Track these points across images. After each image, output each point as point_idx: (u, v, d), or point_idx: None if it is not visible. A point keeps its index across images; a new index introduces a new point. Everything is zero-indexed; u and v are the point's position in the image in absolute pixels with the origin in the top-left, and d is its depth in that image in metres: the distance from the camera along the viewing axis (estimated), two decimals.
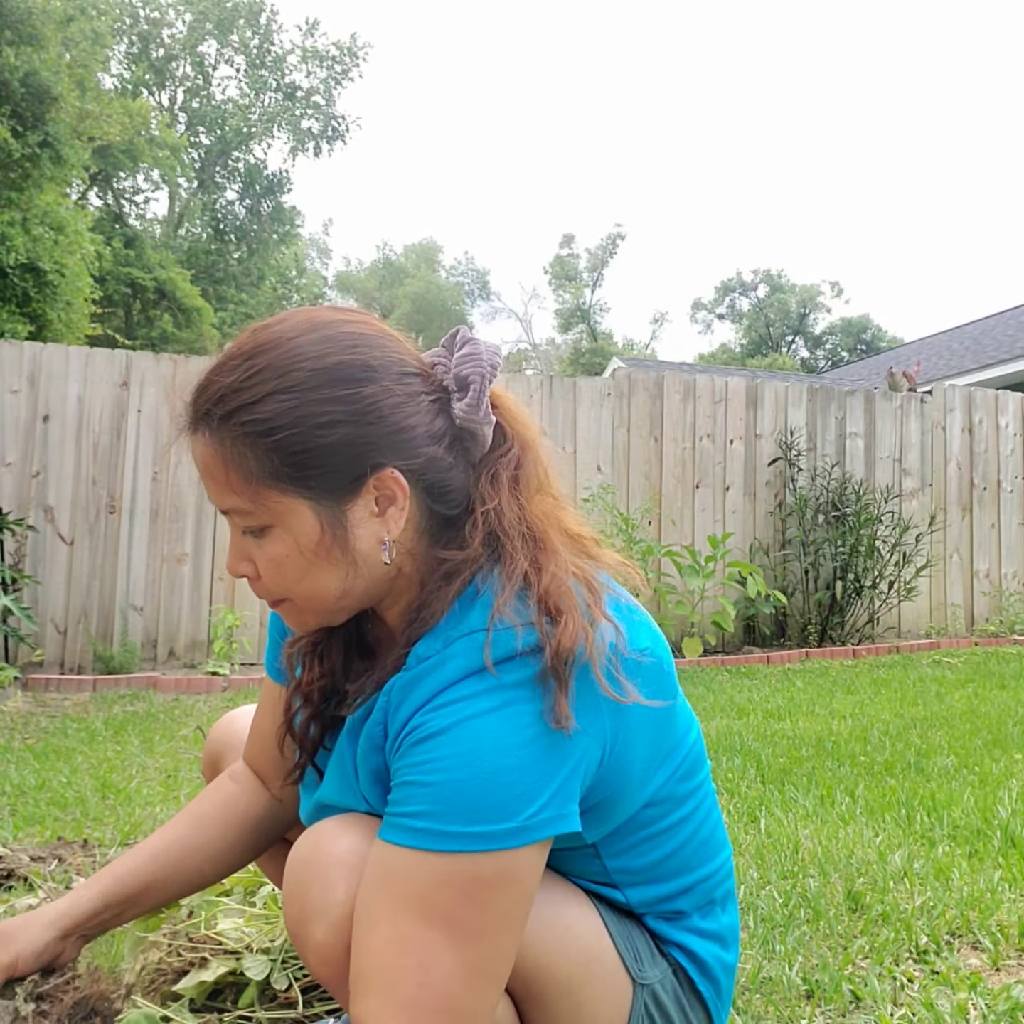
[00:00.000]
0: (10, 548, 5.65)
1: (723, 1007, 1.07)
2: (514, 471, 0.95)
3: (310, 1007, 1.41)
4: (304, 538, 0.89)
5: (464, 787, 0.79)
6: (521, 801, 0.80)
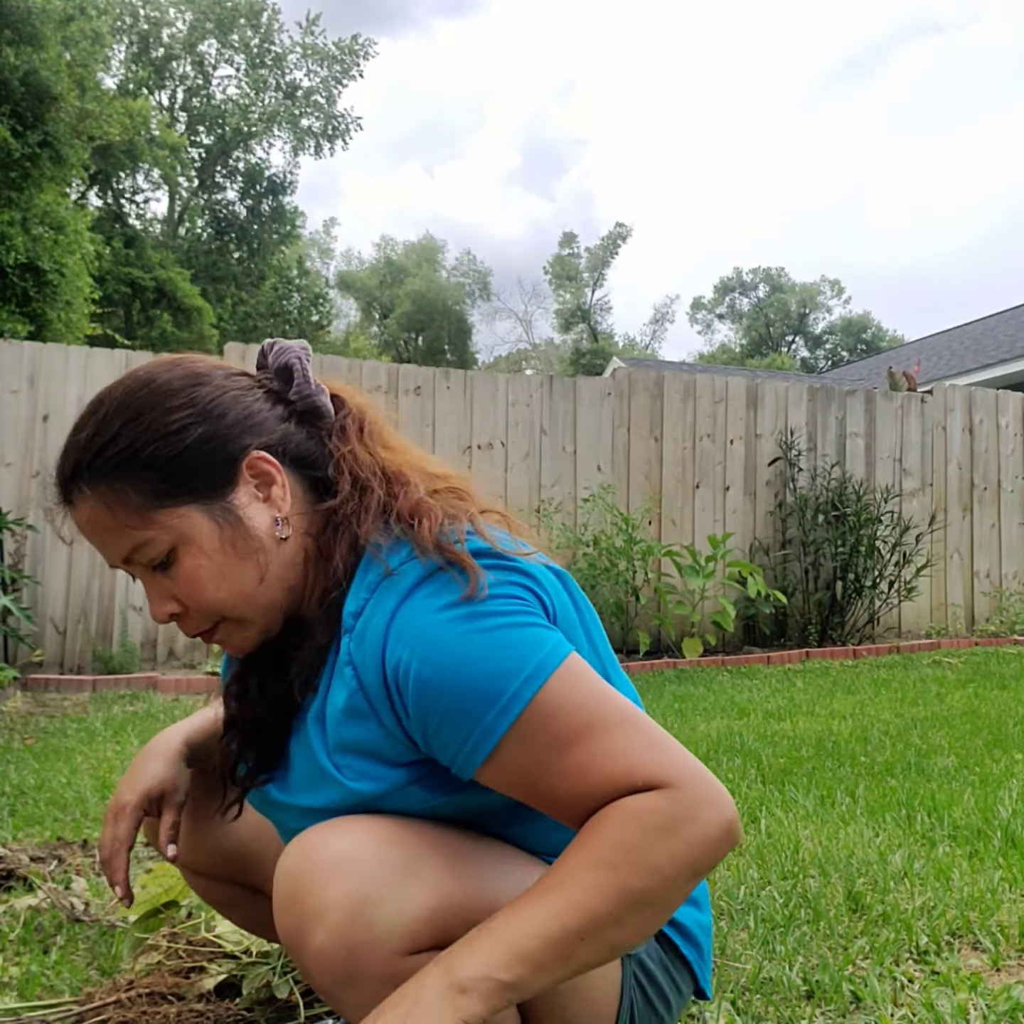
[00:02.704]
0: (10, 548, 5.65)
1: (706, 968, 1.10)
2: (359, 424, 1.04)
3: (310, 1008, 1.41)
4: (207, 542, 0.93)
5: (476, 681, 0.84)
6: (526, 654, 0.86)
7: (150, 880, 1.59)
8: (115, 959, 1.61)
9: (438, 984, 0.77)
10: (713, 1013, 1.41)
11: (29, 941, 1.71)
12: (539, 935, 0.78)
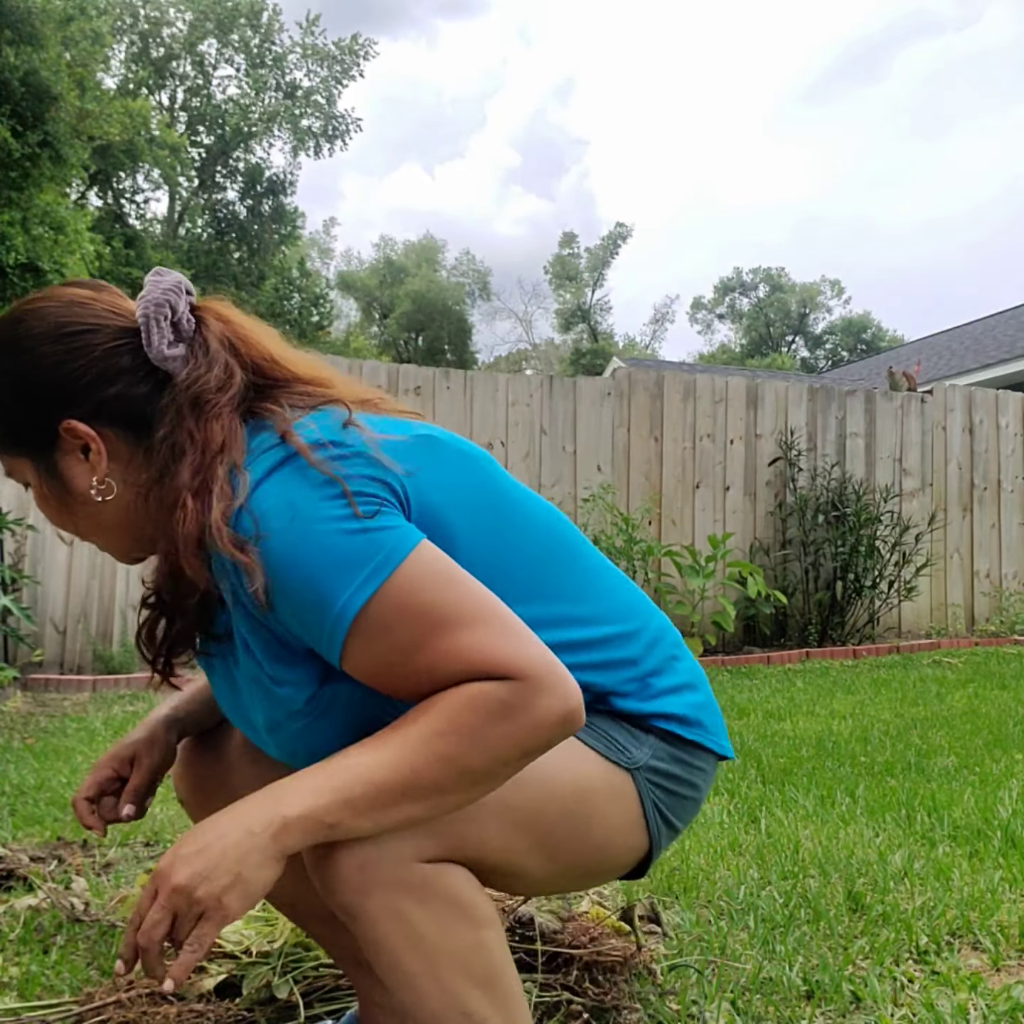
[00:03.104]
0: (10, 548, 5.65)
1: (718, 736, 1.13)
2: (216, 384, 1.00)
3: (311, 1008, 1.41)
4: (39, 488, 1.04)
5: (315, 572, 0.87)
6: (364, 558, 0.88)
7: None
8: (115, 959, 1.61)
9: (263, 817, 0.83)
10: (713, 1013, 1.41)
11: (29, 941, 1.71)
12: (365, 782, 0.84)
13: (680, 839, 2.30)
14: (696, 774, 1.11)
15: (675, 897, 1.92)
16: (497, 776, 0.88)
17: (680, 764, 1.09)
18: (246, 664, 0.98)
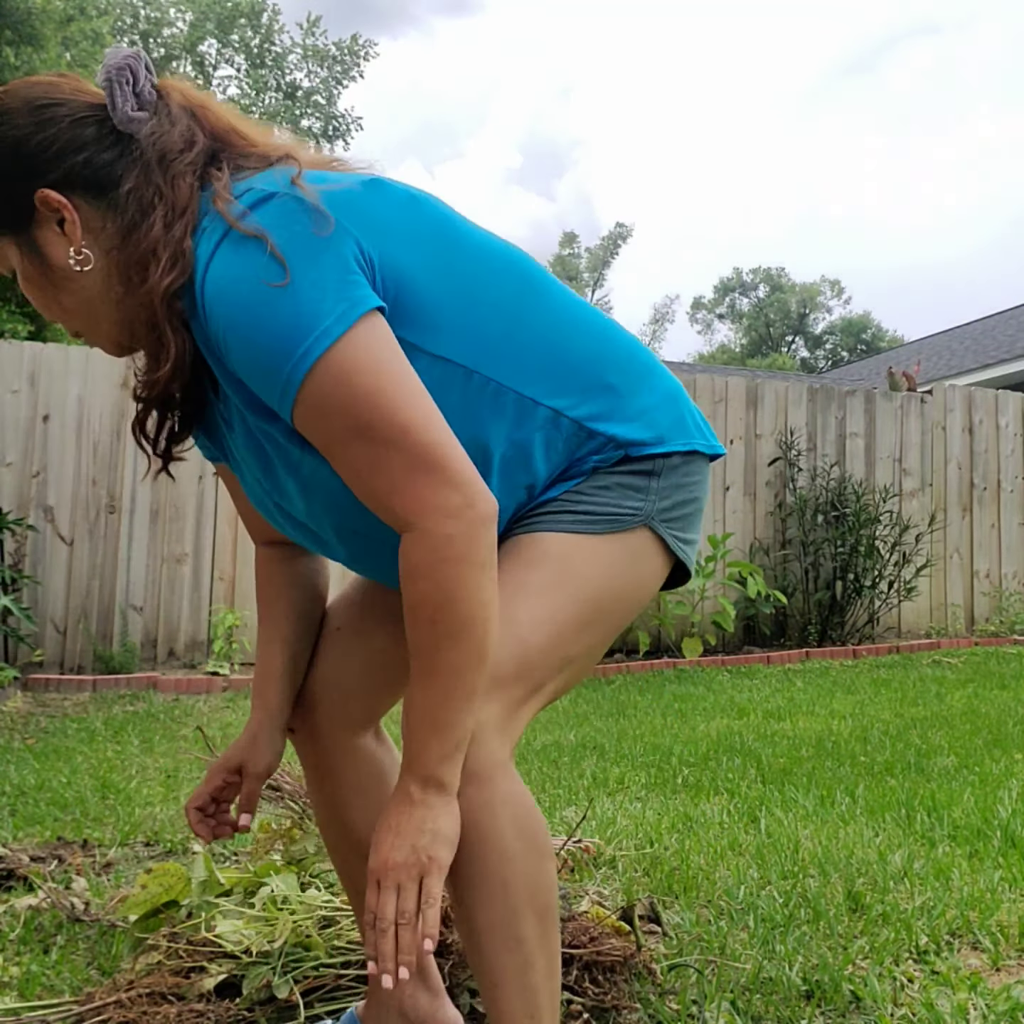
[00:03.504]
0: (10, 548, 5.65)
1: (708, 435, 1.17)
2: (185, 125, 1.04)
3: (311, 1008, 1.41)
4: (22, 268, 1.04)
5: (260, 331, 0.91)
6: (304, 331, 0.90)
7: (150, 880, 1.59)
8: (115, 959, 1.62)
9: (421, 789, 0.93)
10: (713, 1013, 1.41)
11: (29, 941, 1.71)
12: (444, 727, 0.93)
13: (680, 839, 2.30)
14: (695, 488, 1.15)
15: (675, 897, 1.92)
16: (490, 603, 0.93)
17: (681, 489, 1.12)
18: (255, 424, 1.02)
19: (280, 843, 1.73)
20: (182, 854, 2.25)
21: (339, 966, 1.47)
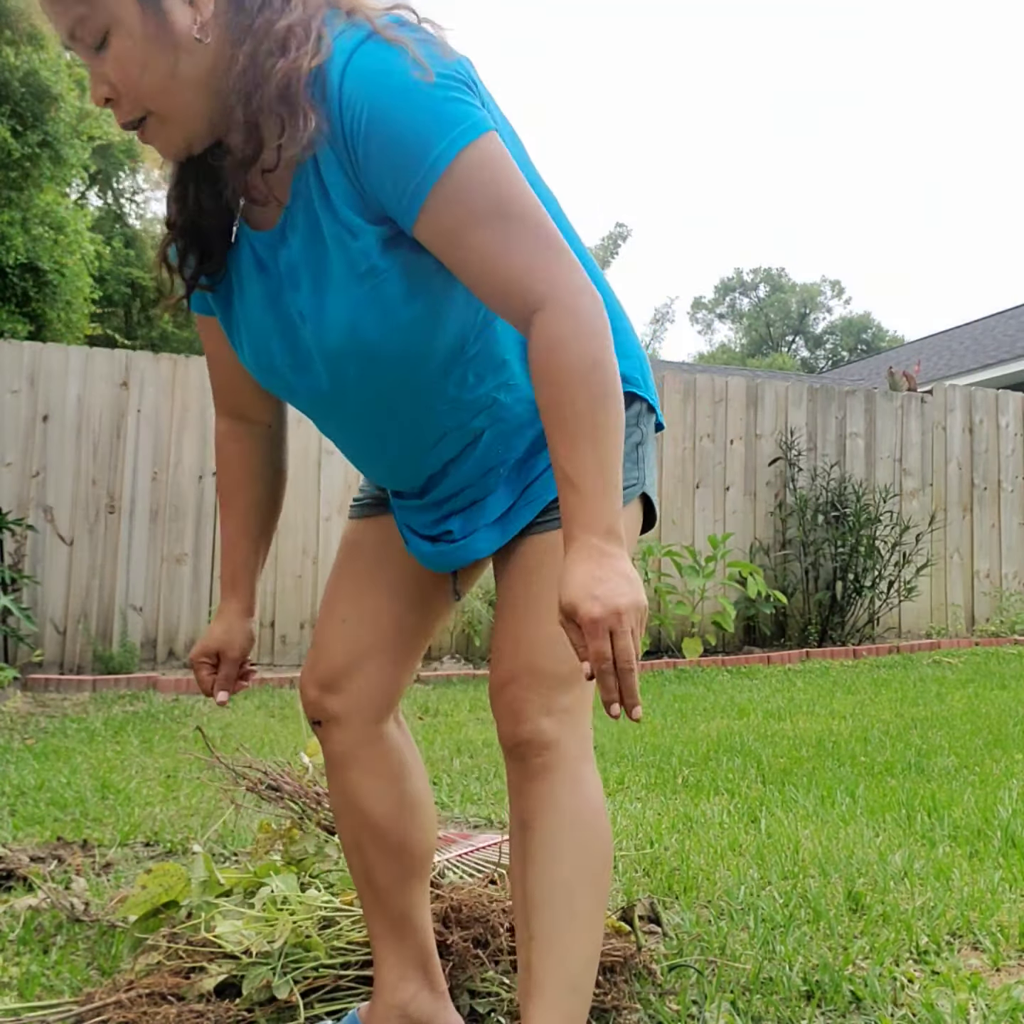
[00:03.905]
0: (10, 548, 5.65)
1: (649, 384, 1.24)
2: None
3: (310, 1008, 1.41)
4: (134, 27, 0.99)
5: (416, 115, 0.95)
6: (457, 119, 0.96)
7: (150, 880, 1.59)
8: (115, 959, 1.62)
9: (606, 542, 0.96)
10: (713, 1013, 1.41)
11: (29, 941, 1.71)
12: (613, 482, 0.98)
13: (680, 839, 2.30)
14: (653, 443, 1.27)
15: (675, 897, 1.92)
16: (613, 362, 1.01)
17: (649, 443, 1.24)
18: (335, 236, 1.03)
19: (280, 843, 1.73)
20: (182, 854, 2.25)
21: (339, 966, 1.47)
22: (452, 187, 0.96)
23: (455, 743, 3.68)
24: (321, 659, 1.27)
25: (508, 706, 1.11)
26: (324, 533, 6.27)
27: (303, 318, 1.08)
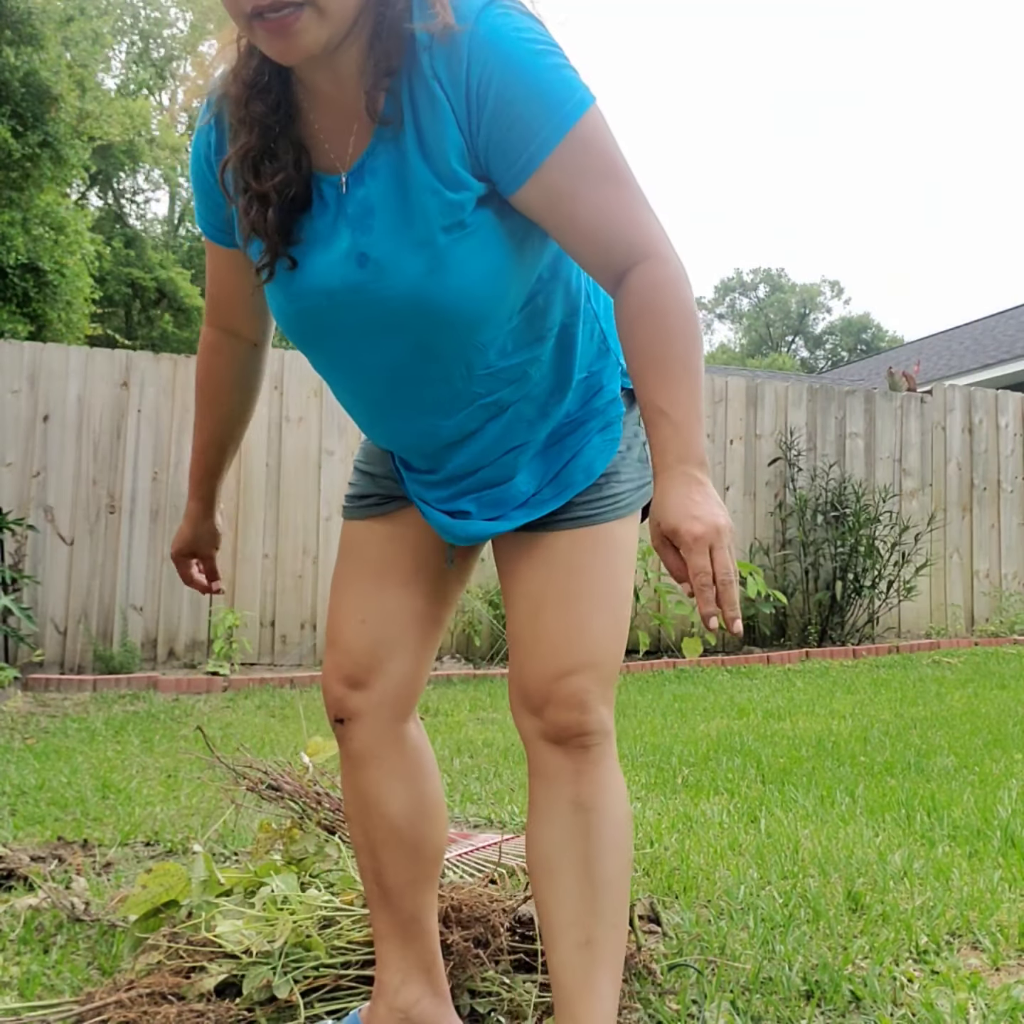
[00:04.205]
0: (10, 548, 5.65)
1: None
2: None
3: (311, 1008, 1.41)
4: None
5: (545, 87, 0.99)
6: (576, 86, 1.01)
7: (150, 880, 1.59)
8: (115, 959, 1.62)
9: (700, 471, 1.01)
10: (713, 1013, 1.41)
11: (29, 941, 1.71)
12: (701, 416, 1.04)
13: (679, 839, 2.30)
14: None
15: (675, 897, 1.92)
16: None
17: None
18: (426, 189, 1.03)
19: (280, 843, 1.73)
20: (182, 854, 2.25)
21: (339, 966, 1.47)
22: (571, 148, 1.00)
23: (455, 743, 3.68)
24: (345, 658, 1.27)
25: (573, 696, 1.14)
26: (324, 533, 6.27)
27: (365, 261, 1.07)
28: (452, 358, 1.12)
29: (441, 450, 1.20)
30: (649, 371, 1.03)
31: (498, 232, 1.06)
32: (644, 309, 1.04)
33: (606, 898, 1.15)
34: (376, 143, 1.05)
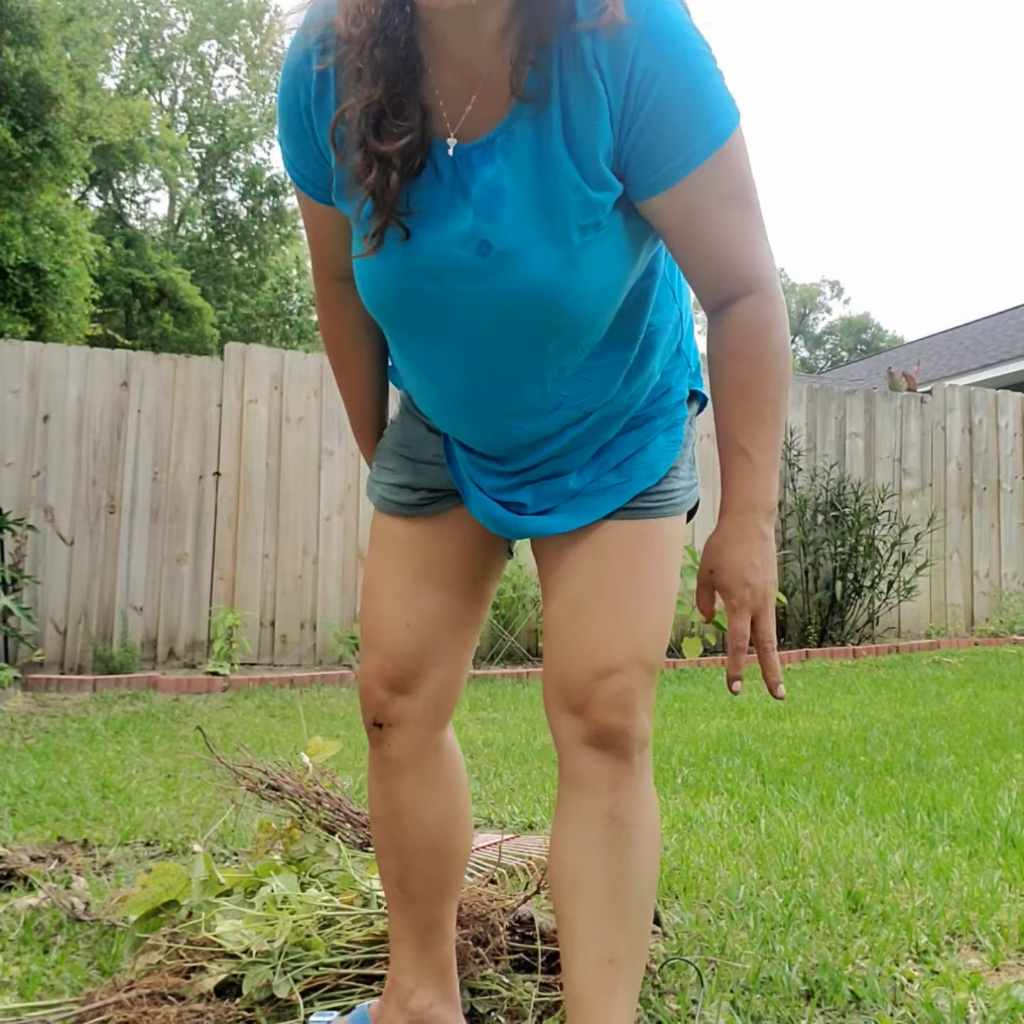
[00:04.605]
0: (10, 548, 5.65)
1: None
2: None
3: (310, 1007, 1.41)
4: None
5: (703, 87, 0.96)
6: (730, 103, 1.00)
7: (150, 880, 1.59)
8: (115, 959, 1.62)
9: (767, 524, 1.04)
10: (713, 1013, 1.41)
11: (29, 941, 1.71)
12: (776, 466, 1.06)
13: (679, 839, 2.30)
14: None
15: (675, 897, 1.92)
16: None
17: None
18: (569, 184, 0.96)
19: (280, 843, 1.73)
20: (182, 854, 2.25)
21: (339, 965, 1.47)
22: (714, 166, 0.97)
23: None
24: (389, 662, 1.21)
25: (618, 697, 1.08)
26: (324, 533, 6.27)
27: (487, 250, 0.98)
28: (551, 358, 1.06)
29: (515, 448, 1.15)
30: (737, 406, 1.03)
31: (624, 236, 1.02)
32: (745, 344, 1.03)
33: (634, 918, 1.11)
34: (512, 120, 0.96)
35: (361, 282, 1.07)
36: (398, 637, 1.22)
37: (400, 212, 0.98)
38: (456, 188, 0.98)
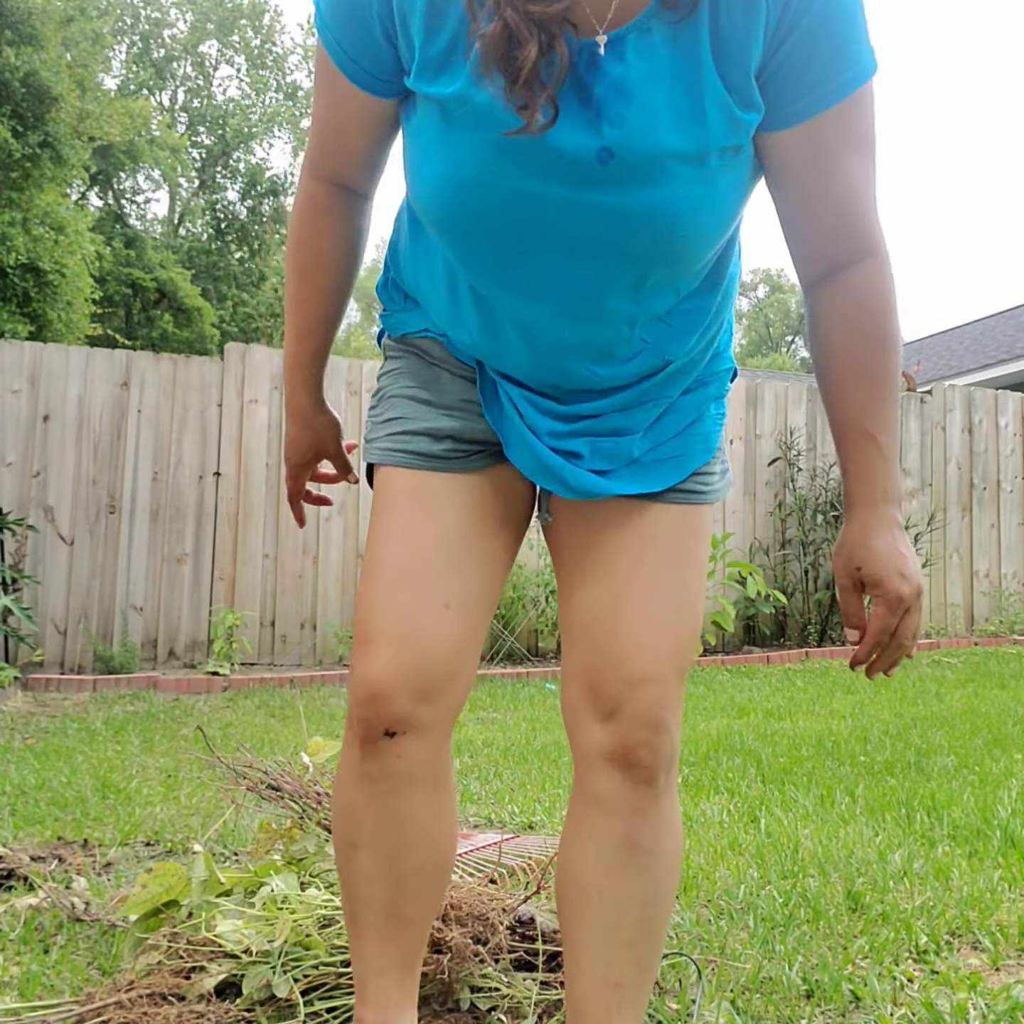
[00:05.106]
0: (10, 548, 5.65)
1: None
2: None
3: (310, 1006, 1.41)
4: None
5: None
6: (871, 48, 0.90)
7: (150, 880, 1.59)
8: (115, 959, 1.62)
9: (898, 511, 0.98)
10: (713, 1013, 1.41)
11: (29, 941, 1.71)
12: (896, 437, 0.98)
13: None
14: None
15: (675, 897, 1.92)
16: None
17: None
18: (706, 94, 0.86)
19: (280, 842, 1.73)
20: (182, 854, 2.25)
21: (339, 964, 1.47)
22: (853, 105, 0.89)
23: (455, 743, 3.68)
24: (421, 658, 0.99)
25: (650, 710, 0.98)
26: (324, 533, 6.28)
27: (608, 159, 0.86)
28: (645, 296, 0.96)
29: (581, 392, 1.02)
30: (860, 386, 0.95)
31: (751, 165, 0.93)
32: (866, 318, 0.95)
33: (647, 945, 1.03)
34: (649, 17, 0.84)
35: (437, 180, 0.91)
36: (433, 623, 0.99)
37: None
38: (579, 86, 0.85)
